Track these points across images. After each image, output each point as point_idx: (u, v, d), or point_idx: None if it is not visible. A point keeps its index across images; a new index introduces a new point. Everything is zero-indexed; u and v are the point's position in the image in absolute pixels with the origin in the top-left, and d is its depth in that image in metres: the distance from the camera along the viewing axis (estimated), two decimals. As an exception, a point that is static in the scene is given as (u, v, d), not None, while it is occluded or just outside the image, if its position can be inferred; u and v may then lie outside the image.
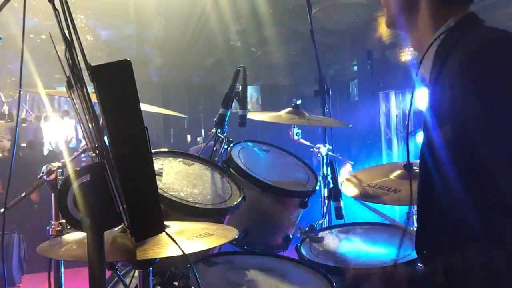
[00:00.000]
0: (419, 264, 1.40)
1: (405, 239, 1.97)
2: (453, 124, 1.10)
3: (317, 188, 2.21)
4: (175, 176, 1.79)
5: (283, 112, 2.53)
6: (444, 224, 1.22)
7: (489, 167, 1.05)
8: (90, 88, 0.86)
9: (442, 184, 1.18)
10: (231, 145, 2.17)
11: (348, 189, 2.17)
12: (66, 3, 0.87)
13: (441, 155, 1.16)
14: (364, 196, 2.06)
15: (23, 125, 10.69)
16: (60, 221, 1.71)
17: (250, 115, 2.37)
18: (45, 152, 8.63)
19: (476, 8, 1.29)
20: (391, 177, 2.14)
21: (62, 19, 0.88)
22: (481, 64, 1.07)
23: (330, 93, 2.75)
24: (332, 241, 2.08)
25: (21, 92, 1.84)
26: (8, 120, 10.17)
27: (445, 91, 1.12)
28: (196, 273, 1.27)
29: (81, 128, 1.10)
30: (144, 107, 2.06)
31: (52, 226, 1.70)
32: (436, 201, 1.21)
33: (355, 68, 12.43)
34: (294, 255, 1.95)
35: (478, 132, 1.06)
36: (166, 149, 2.00)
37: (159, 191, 1.58)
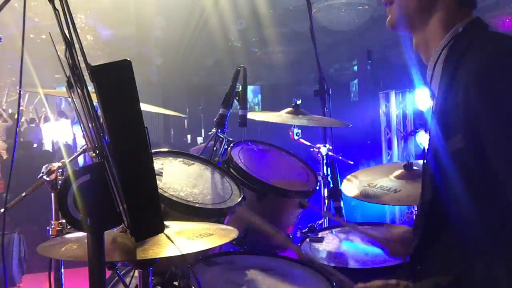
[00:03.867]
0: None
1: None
2: (465, 135, 1.08)
3: (317, 188, 2.21)
4: (175, 176, 1.78)
5: (283, 112, 2.53)
6: (450, 239, 1.19)
7: (500, 180, 1.03)
8: (90, 88, 0.86)
9: (451, 197, 1.15)
10: (231, 145, 2.17)
11: (348, 189, 2.17)
12: (66, 3, 0.87)
13: (449, 166, 1.13)
14: (364, 196, 2.06)
15: (31, 125, 10.72)
16: (60, 221, 1.71)
17: (250, 115, 2.37)
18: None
19: (476, 8, 1.28)
20: (391, 177, 2.14)
21: (62, 19, 0.88)
22: (496, 73, 1.05)
23: (330, 93, 2.75)
24: (332, 241, 2.08)
25: (21, 92, 1.84)
26: (6, 120, 10.18)
27: (457, 101, 1.10)
28: (195, 274, 1.27)
29: (81, 128, 1.10)
30: (144, 107, 2.06)
31: (52, 226, 1.70)
32: (444, 214, 1.19)
33: (355, 68, 12.43)
34: (294, 255, 1.95)
35: (492, 143, 1.04)
36: (166, 149, 2.00)
37: (159, 191, 1.58)
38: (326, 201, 2.41)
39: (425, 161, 1.26)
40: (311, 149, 2.63)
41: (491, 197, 1.06)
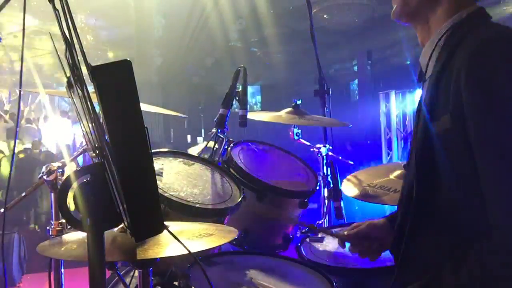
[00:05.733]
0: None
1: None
2: (453, 116, 1.09)
3: (317, 188, 2.21)
4: (175, 176, 1.78)
5: (283, 112, 2.53)
6: (437, 222, 1.19)
7: (478, 166, 1.04)
8: (90, 88, 0.86)
9: (439, 179, 1.15)
10: (231, 145, 2.17)
11: (348, 189, 2.17)
12: (66, 3, 0.87)
13: (437, 147, 1.14)
14: (364, 196, 2.06)
15: (27, 125, 10.70)
16: (60, 221, 1.71)
17: (250, 115, 2.37)
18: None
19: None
20: (391, 177, 2.14)
21: (62, 19, 0.88)
22: (490, 58, 1.06)
23: (330, 93, 2.75)
24: (332, 241, 2.08)
25: (22, 92, 1.84)
26: (7, 121, 10.17)
27: (449, 84, 1.11)
28: (204, 270, 1.26)
29: (81, 128, 1.10)
30: (144, 107, 2.05)
31: (52, 226, 1.70)
32: (427, 199, 1.19)
33: (355, 68, 12.44)
34: (294, 255, 1.95)
35: (475, 127, 1.05)
36: (166, 149, 2.00)
37: (159, 191, 1.58)
38: (326, 201, 2.40)
39: (411, 146, 1.26)
40: (311, 149, 2.63)
41: (477, 178, 1.06)
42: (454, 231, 1.15)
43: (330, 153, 2.60)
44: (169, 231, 0.93)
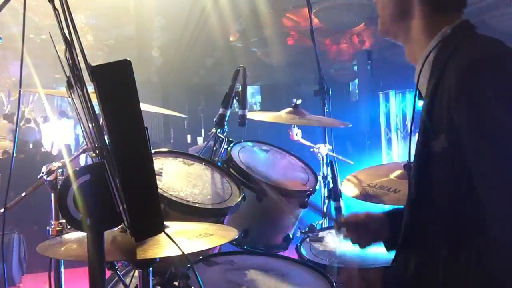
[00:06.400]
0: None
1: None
2: (448, 136, 1.10)
3: (317, 188, 2.21)
4: (175, 176, 1.78)
5: (283, 112, 2.53)
6: (435, 238, 1.20)
7: (476, 185, 1.05)
8: (90, 88, 0.86)
9: (437, 197, 1.17)
10: (231, 145, 2.17)
11: (348, 189, 2.17)
12: (66, 3, 0.87)
13: (434, 165, 1.15)
14: (364, 196, 2.06)
15: (28, 125, 10.70)
16: (60, 221, 1.71)
17: (250, 115, 2.37)
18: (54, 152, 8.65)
19: (476, 8, 1.28)
20: (391, 177, 2.14)
21: (62, 19, 0.88)
22: (478, 77, 1.06)
23: (330, 93, 2.75)
24: (332, 241, 2.08)
25: (22, 92, 1.84)
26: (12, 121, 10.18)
27: (442, 102, 1.11)
28: (196, 273, 1.27)
29: (81, 128, 1.10)
30: (144, 107, 2.05)
31: (52, 226, 1.70)
32: (428, 214, 1.20)
33: (355, 68, 12.43)
34: (294, 255, 1.95)
35: (468, 148, 1.06)
36: (166, 149, 2.00)
37: (159, 191, 1.58)
38: (326, 201, 2.40)
39: (412, 160, 1.27)
40: (311, 149, 2.63)
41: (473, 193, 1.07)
42: (452, 236, 1.16)
43: (330, 153, 2.60)
44: (165, 233, 0.92)
